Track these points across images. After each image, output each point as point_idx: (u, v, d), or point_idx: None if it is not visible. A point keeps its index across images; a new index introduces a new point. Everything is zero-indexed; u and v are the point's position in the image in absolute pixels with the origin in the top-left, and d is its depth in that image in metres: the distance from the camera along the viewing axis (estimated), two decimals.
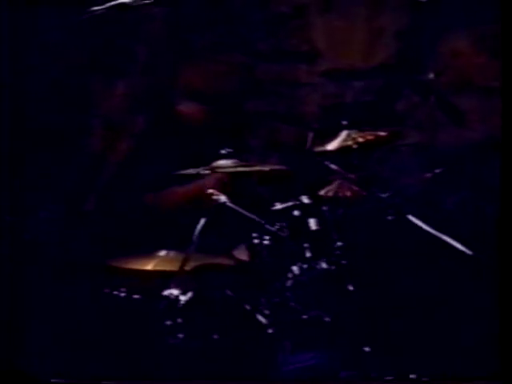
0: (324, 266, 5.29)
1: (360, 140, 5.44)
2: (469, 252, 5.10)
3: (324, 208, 5.40)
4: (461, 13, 6.33)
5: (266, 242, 5.31)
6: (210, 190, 5.13)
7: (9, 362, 4.97)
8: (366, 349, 5.12)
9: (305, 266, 5.27)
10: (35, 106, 6.14)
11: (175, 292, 5.06)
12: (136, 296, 5.14)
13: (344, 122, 5.49)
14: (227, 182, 5.35)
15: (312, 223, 5.33)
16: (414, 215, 5.32)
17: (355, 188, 5.54)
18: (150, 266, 5.17)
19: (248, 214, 5.22)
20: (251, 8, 6.34)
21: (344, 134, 5.46)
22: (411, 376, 5.09)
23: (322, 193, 5.48)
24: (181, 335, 4.99)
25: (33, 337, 5.32)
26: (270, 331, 5.08)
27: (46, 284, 5.60)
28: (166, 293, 5.07)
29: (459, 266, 5.23)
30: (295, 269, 5.26)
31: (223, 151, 5.21)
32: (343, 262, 5.30)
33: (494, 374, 4.70)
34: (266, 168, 5.48)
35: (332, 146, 5.47)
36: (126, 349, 5.11)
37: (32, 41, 6.10)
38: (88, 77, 6.32)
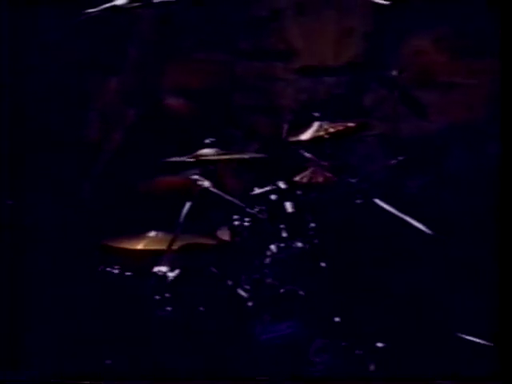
0: (299, 245, 5.32)
1: (331, 130, 5.46)
2: (429, 231, 5.14)
3: (299, 192, 5.43)
4: (422, 15, 6.36)
5: (246, 224, 5.33)
6: (195, 177, 5.18)
7: (9, 335, 4.98)
8: (336, 319, 5.19)
9: (282, 245, 5.30)
10: (35, 101, 6.14)
11: (164, 269, 5.11)
12: (128, 273, 5.18)
13: (316, 114, 5.51)
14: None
15: (288, 206, 5.36)
16: (379, 199, 5.37)
17: (327, 174, 5.57)
18: (140, 246, 5.22)
19: (229, 198, 5.25)
20: (234, 11, 6.34)
21: (316, 125, 5.48)
22: (378, 345, 5.15)
23: (296, 179, 5.51)
24: (169, 308, 5.04)
25: (33, 307, 5.36)
26: (249, 304, 5.12)
27: (46, 263, 5.63)
28: (155, 270, 5.12)
29: (420, 244, 5.27)
30: (273, 248, 5.29)
31: (207, 141, 5.23)
32: (316, 241, 5.35)
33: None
34: (246, 156, 5.52)
35: (306, 136, 5.49)
36: (119, 320, 5.13)
37: (31, 40, 6.06)
38: (84, 74, 6.32)
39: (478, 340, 5.29)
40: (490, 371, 5.05)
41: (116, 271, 5.19)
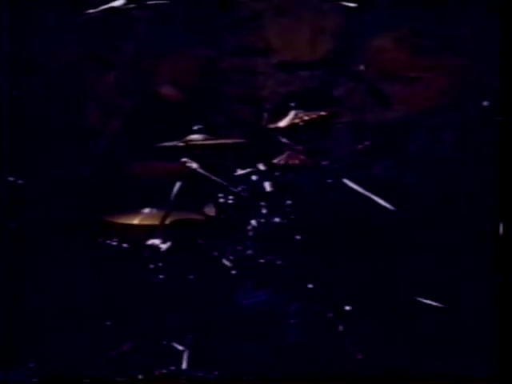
0: (277, 220, 5.34)
1: (305, 118, 5.47)
2: (392, 208, 5.19)
3: (276, 173, 5.44)
4: (385, 16, 6.40)
5: (230, 201, 5.35)
6: (184, 159, 5.20)
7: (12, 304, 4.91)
8: (310, 285, 5.25)
9: (262, 220, 5.32)
10: (40, 93, 6.15)
11: (157, 242, 5.12)
12: (125, 245, 5.18)
13: (292, 104, 5.52)
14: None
15: (267, 186, 5.38)
16: (348, 179, 5.40)
17: (302, 157, 5.58)
18: (136, 221, 5.24)
19: (215, 178, 5.27)
20: (219, 12, 6.35)
21: (292, 113, 5.49)
22: (347, 308, 5.20)
23: (275, 161, 5.52)
24: (161, 276, 5.07)
25: (38, 275, 5.39)
26: (233, 272, 5.16)
27: (51, 236, 5.65)
28: (149, 242, 5.12)
29: (384, 219, 5.32)
30: (254, 223, 5.30)
31: (195, 127, 5.25)
32: (292, 216, 5.37)
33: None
34: (230, 141, 5.53)
35: (283, 123, 5.49)
36: (117, 287, 5.17)
37: (35, 37, 6.09)
38: (85, 67, 6.33)
39: (434, 303, 5.36)
40: (442, 329, 5.17)
41: (114, 243, 5.20)
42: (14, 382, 4.62)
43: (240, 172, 5.44)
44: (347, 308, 5.26)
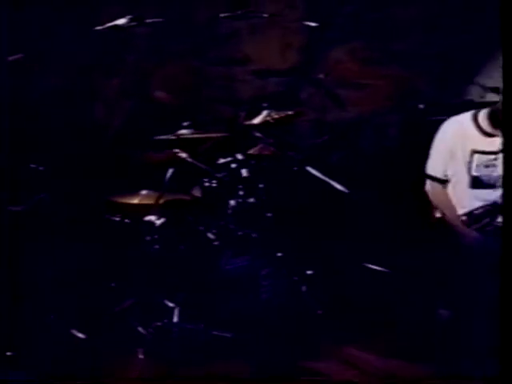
0: (252, 200, 5.35)
1: (275, 117, 5.44)
2: (346, 190, 5.20)
3: (252, 162, 5.44)
4: (341, 33, 6.43)
5: (213, 185, 5.35)
6: (175, 150, 5.19)
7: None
8: (279, 254, 5.29)
9: (239, 200, 5.32)
10: (53, 98, 6.12)
11: (153, 218, 5.12)
12: (126, 220, 5.17)
13: (265, 105, 5.50)
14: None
15: (244, 172, 5.38)
16: (310, 167, 5.40)
17: (272, 149, 5.54)
18: (135, 201, 5.16)
19: (201, 166, 5.26)
20: (205, 29, 6.33)
21: (265, 113, 5.45)
22: (308, 272, 5.20)
23: (250, 152, 5.50)
24: (157, 246, 5.08)
25: (55, 245, 5.35)
26: (216, 243, 5.16)
27: (66, 213, 5.63)
28: (146, 218, 5.12)
29: (339, 199, 5.32)
30: (233, 202, 5.31)
31: (185, 124, 5.22)
32: (264, 197, 5.39)
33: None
34: (213, 135, 5.51)
35: (257, 120, 5.46)
36: (120, 255, 5.20)
37: (50, 48, 6.08)
38: (94, 74, 6.31)
39: (378, 268, 5.40)
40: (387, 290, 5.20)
41: (117, 219, 5.18)
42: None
43: (221, 161, 5.43)
44: (309, 272, 5.32)
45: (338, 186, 5.22)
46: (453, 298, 4.69)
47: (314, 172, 5.36)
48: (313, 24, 6.01)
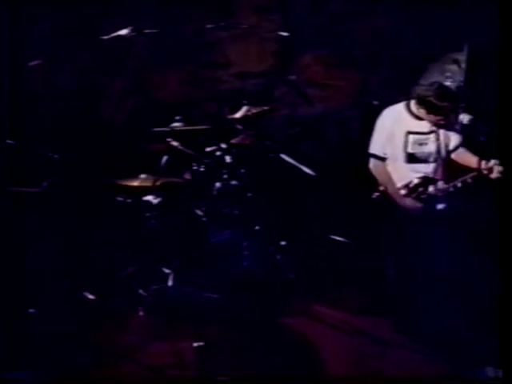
0: (234, 182, 5.25)
1: (254, 112, 5.39)
2: (314, 174, 5.11)
3: (234, 150, 5.33)
4: (309, 41, 6.33)
5: (201, 169, 5.25)
6: (168, 139, 5.04)
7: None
8: (257, 227, 5.22)
9: (224, 182, 5.23)
10: (66, 98, 5.98)
11: (150, 197, 4.99)
12: (129, 200, 5.04)
13: (245, 102, 5.42)
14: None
15: (227, 158, 5.27)
16: (284, 154, 5.31)
17: (252, 139, 5.46)
18: (136, 183, 5.03)
19: (191, 152, 5.13)
20: (194, 38, 6.19)
21: (245, 108, 5.38)
22: (282, 243, 5.12)
23: (233, 141, 5.42)
24: (154, 221, 4.98)
25: (68, 221, 5.26)
26: (204, 219, 5.09)
27: (76, 193, 5.50)
28: (145, 198, 5.00)
29: (308, 181, 5.23)
30: (218, 184, 5.22)
31: (177, 118, 5.12)
32: (245, 180, 5.30)
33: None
34: (201, 127, 5.38)
35: (238, 115, 5.39)
36: (123, 228, 5.08)
37: (62, 55, 5.94)
38: (99, 77, 6.17)
39: (341, 239, 5.37)
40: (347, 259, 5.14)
41: (121, 199, 5.05)
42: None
43: (208, 149, 5.33)
44: (283, 243, 5.27)
45: (307, 170, 5.17)
46: (398, 258, 4.72)
47: (286, 158, 5.29)
48: (285, 34, 6.01)
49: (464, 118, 4.58)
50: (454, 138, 4.80)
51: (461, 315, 4.60)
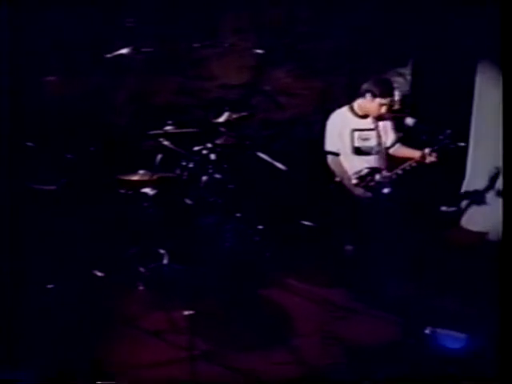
0: (218, 176, 5.09)
1: (234, 117, 5.26)
2: (285, 168, 5.03)
3: (218, 149, 5.18)
4: (280, 57, 6.25)
5: (190, 165, 5.11)
6: (161, 139, 4.92)
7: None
8: (238, 214, 5.08)
9: (210, 176, 5.06)
10: (76, 107, 5.81)
11: (148, 190, 4.84)
12: (130, 192, 4.91)
13: (227, 108, 5.27)
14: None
15: (212, 156, 5.13)
16: (260, 152, 5.20)
17: (233, 140, 5.32)
18: (135, 178, 4.87)
19: (181, 151, 5.03)
20: (183, 55, 6.04)
21: (227, 114, 5.24)
22: (259, 227, 5.02)
23: (217, 142, 5.28)
24: (151, 210, 4.83)
25: (77, 212, 5.14)
26: (193, 207, 4.96)
27: (84, 187, 5.34)
28: (143, 190, 4.85)
29: (280, 174, 5.12)
30: (204, 178, 5.06)
31: (169, 122, 4.96)
32: (228, 174, 5.11)
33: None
34: (190, 130, 5.21)
35: (221, 119, 5.24)
36: (125, 215, 4.97)
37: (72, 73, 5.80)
38: (105, 89, 6.05)
39: (308, 223, 5.30)
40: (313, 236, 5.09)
41: (123, 191, 4.93)
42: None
43: (196, 148, 5.18)
44: (260, 227, 5.16)
45: (280, 165, 5.09)
46: (354, 237, 4.74)
47: (262, 156, 5.20)
48: (260, 51, 5.95)
49: (409, 121, 4.57)
50: (391, 136, 4.86)
51: (407, 284, 4.59)
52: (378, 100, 4.63)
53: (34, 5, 5.26)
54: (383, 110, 4.66)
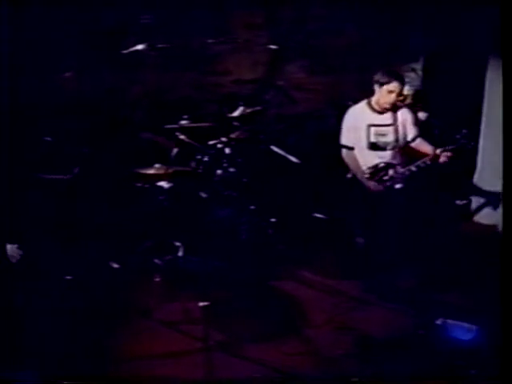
0: (232, 170, 5.05)
1: (248, 111, 5.26)
2: (298, 161, 4.97)
3: (232, 143, 5.16)
4: (294, 53, 6.25)
5: (205, 159, 5.10)
6: (177, 133, 4.92)
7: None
8: (252, 207, 5.06)
9: (224, 170, 5.03)
10: (93, 103, 5.81)
11: (163, 183, 4.85)
12: (146, 185, 4.91)
13: (241, 103, 5.28)
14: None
15: (227, 150, 5.11)
16: (274, 145, 5.15)
17: (247, 134, 5.28)
18: (152, 171, 4.89)
19: (196, 144, 5.02)
20: (198, 50, 6.02)
21: (241, 108, 5.24)
22: (273, 220, 5.01)
23: (231, 136, 5.27)
24: (166, 203, 4.83)
25: (93, 202, 5.13)
26: (207, 201, 4.97)
27: (104, 180, 5.34)
28: (159, 183, 4.86)
29: (293, 167, 5.06)
30: (219, 171, 5.03)
31: (185, 116, 4.96)
32: (242, 168, 5.09)
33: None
34: (205, 124, 5.20)
35: (236, 114, 5.23)
36: (142, 208, 4.95)
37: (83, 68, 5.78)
38: (121, 83, 6.03)
39: (321, 216, 5.29)
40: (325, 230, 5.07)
41: (140, 184, 4.93)
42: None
43: (211, 142, 5.18)
44: (273, 220, 5.15)
45: (293, 159, 5.05)
46: (366, 229, 4.69)
47: (276, 149, 5.16)
48: (274, 47, 5.94)
49: (421, 115, 4.52)
50: (412, 130, 4.77)
51: (417, 277, 4.59)
52: (385, 87, 4.52)
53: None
54: (393, 97, 4.54)
